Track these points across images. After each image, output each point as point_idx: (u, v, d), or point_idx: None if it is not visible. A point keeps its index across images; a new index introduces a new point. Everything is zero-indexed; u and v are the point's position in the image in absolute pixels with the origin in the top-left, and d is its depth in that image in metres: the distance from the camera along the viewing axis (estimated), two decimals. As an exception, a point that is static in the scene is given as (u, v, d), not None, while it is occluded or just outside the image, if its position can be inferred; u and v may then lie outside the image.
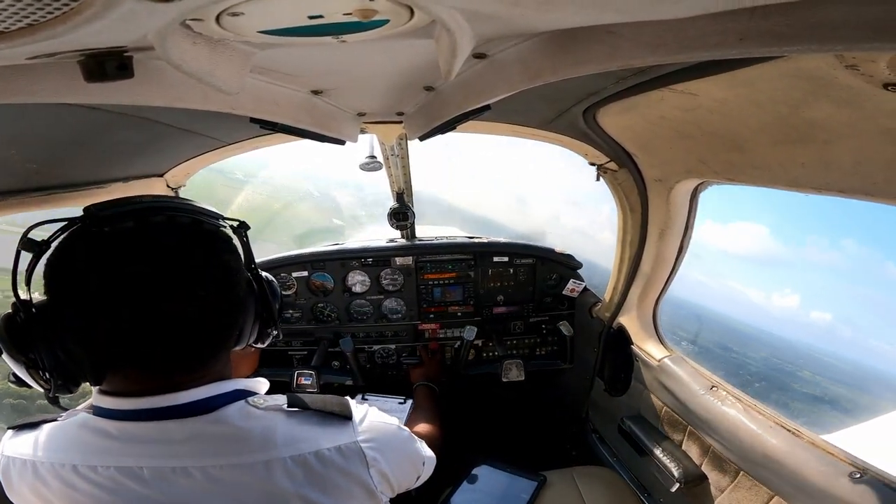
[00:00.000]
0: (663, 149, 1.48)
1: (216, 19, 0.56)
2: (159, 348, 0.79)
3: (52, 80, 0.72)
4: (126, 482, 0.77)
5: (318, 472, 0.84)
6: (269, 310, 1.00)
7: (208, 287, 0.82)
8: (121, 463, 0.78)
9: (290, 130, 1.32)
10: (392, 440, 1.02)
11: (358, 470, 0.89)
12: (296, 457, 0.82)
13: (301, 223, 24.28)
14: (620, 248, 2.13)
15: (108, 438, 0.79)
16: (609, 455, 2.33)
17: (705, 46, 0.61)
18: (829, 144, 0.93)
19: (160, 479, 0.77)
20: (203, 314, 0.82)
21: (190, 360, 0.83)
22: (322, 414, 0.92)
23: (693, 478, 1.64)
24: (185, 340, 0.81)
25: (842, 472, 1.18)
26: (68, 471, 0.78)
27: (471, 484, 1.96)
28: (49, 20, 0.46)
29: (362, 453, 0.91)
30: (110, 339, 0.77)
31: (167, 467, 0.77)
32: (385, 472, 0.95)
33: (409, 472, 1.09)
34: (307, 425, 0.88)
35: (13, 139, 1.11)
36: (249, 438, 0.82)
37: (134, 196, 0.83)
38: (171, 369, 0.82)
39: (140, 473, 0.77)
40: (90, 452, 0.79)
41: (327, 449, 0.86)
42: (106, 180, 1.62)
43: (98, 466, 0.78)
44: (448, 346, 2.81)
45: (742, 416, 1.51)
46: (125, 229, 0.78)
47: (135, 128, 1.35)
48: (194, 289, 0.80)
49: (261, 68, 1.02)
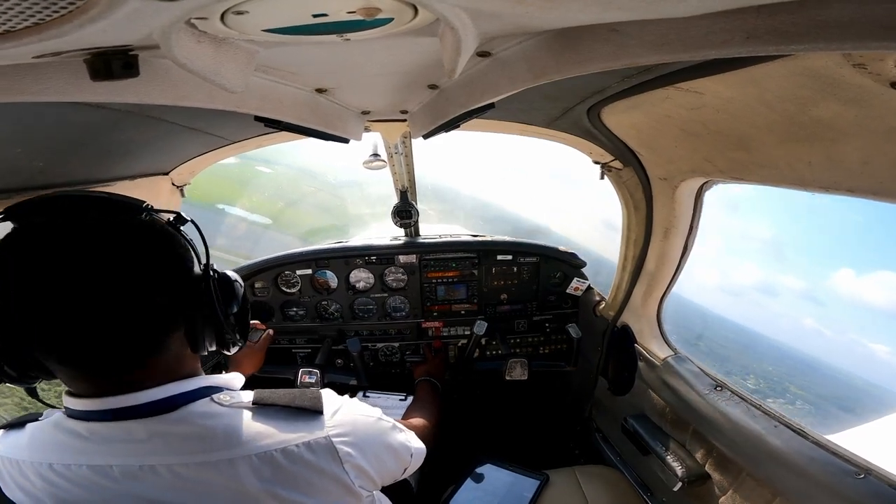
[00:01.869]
0: (668, 147, 1.47)
1: (221, 18, 0.57)
2: (78, 350, 0.76)
3: (58, 78, 0.72)
4: (99, 480, 0.77)
5: (287, 469, 0.82)
6: (215, 313, 0.88)
7: (121, 288, 0.75)
8: (92, 462, 0.78)
9: (295, 129, 1.32)
10: (369, 433, 1.00)
11: (330, 466, 0.88)
12: (261, 454, 0.81)
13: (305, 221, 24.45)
14: (624, 246, 2.12)
15: (79, 438, 0.80)
16: (612, 454, 2.33)
17: (712, 45, 0.60)
18: (837, 143, 0.92)
19: (130, 477, 0.77)
20: (117, 316, 0.76)
21: (118, 362, 0.79)
22: (290, 409, 0.90)
23: (696, 477, 1.63)
24: (103, 343, 0.76)
25: (845, 471, 1.18)
26: (46, 469, 0.79)
27: (474, 482, 1.95)
28: (55, 19, 0.46)
29: (333, 449, 0.89)
30: (26, 337, 0.75)
31: (135, 465, 0.77)
32: (362, 467, 0.93)
33: (392, 464, 1.07)
34: (273, 421, 0.86)
35: (18, 137, 1.11)
36: (213, 436, 0.80)
37: (58, 191, 0.79)
38: (103, 371, 0.79)
39: (111, 472, 0.77)
40: (64, 452, 0.80)
41: (295, 445, 0.84)
42: (111, 178, 1.63)
43: (72, 465, 0.78)
44: (451, 344, 2.81)
45: (746, 415, 1.50)
46: (38, 228, 0.74)
47: (140, 126, 1.35)
48: (104, 290, 0.74)
49: (265, 67, 1.03)
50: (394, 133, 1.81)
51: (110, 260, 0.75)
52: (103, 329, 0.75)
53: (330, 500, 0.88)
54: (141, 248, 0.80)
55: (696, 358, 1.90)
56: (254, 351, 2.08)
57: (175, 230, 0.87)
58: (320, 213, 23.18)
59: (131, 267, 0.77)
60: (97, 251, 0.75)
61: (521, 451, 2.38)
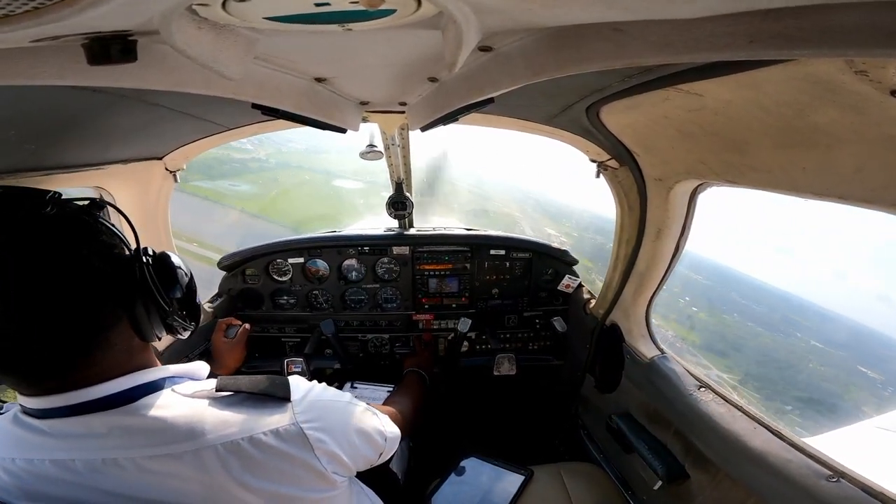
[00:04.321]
0: (665, 148, 1.48)
1: (222, 5, 0.56)
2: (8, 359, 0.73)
3: (55, 62, 0.71)
4: (62, 475, 0.76)
5: (255, 458, 0.81)
6: (153, 298, 0.84)
7: (40, 288, 0.71)
8: (54, 456, 0.76)
9: (292, 117, 1.31)
10: (339, 417, 0.99)
11: (300, 453, 0.86)
12: (227, 444, 0.79)
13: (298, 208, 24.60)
14: (617, 245, 2.13)
15: (39, 434, 0.78)
16: (596, 451, 2.35)
17: (714, 47, 0.60)
18: (832, 149, 0.93)
19: (93, 470, 0.76)
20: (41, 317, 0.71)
21: (55, 365, 0.76)
22: (255, 396, 0.88)
23: (675, 476, 1.65)
24: (34, 348, 0.73)
25: (819, 474, 1.20)
26: (10, 464, 0.78)
27: (458, 475, 1.97)
28: (55, 3, 0.45)
29: (303, 435, 0.87)
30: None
31: (97, 459, 0.76)
32: (334, 452, 0.91)
33: (364, 449, 1.04)
34: (238, 409, 0.85)
35: (11, 119, 1.10)
36: (174, 428, 0.79)
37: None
38: (42, 376, 0.77)
39: (73, 466, 0.76)
40: (25, 447, 0.78)
41: (263, 433, 0.83)
42: (103, 162, 1.61)
43: (34, 460, 0.77)
44: (442, 337, 2.82)
45: (726, 416, 1.52)
46: None
47: (135, 110, 1.34)
48: (21, 293, 0.70)
49: (265, 54, 1.02)
50: (391, 124, 1.81)
51: (23, 260, 0.70)
52: (29, 333, 0.71)
53: (303, 488, 0.87)
54: (55, 242, 0.74)
55: (682, 358, 1.93)
56: (232, 346, 2.06)
57: (93, 218, 0.82)
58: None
59: (48, 264, 0.72)
60: (7, 252, 0.70)
61: (506, 446, 2.39)
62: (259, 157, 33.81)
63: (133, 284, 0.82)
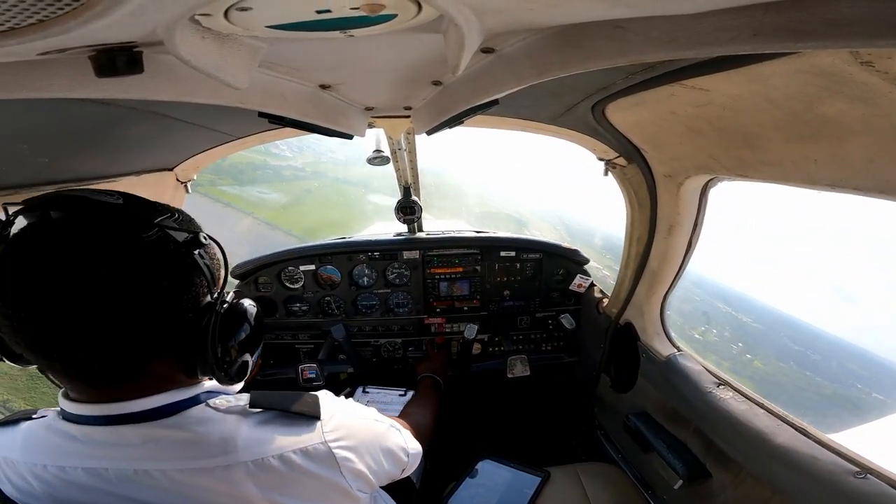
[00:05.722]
0: (673, 144, 1.47)
1: (224, 14, 0.57)
2: (63, 355, 0.73)
3: (64, 75, 0.73)
4: (94, 482, 0.77)
5: (284, 475, 0.82)
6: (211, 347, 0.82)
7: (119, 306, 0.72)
8: (86, 464, 0.77)
9: (298, 125, 1.32)
10: (366, 436, 0.99)
11: (328, 472, 0.87)
12: (258, 461, 0.80)
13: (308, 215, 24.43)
14: (628, 244, 2.12)
15: (73, 441, 0.79)
16: (614, 452, 2.33)
17: (718, 42, 0.60)
18: (843, 141, 0.92)
19: (124, 480, 0.76)
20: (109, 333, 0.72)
21: (105, 377, 0.77)
22: (287, 414, 0.89)
23: (697, 475, 1.63)
24: (90, 356, 0.73)
25: (846, 471, 1.18)
26: (41, 470, 0.79)
27: (474, 478, 1.96)
28: (59, 16, 0.46)
29: (331, 454, 0.88)
30: (8, 336, 0.73)
31: (129, 469, 0.77)
32: (360, 471, 0.93)
33: (389, 466, 1.06)
34: (269, 427, 0.85)
35: (25, 134, 1.12)
36: (207, 443, 0.79)
37: (75, 190, 0.76)
38: (91, 381, 0.78)
39: (105, 474, 0.77)
40: (58, 454, 0.79)
41: (293, 451, 0.84)
42: (116, 174, 1.63)
43: (66, 467, 0.78)
44: (454, 340, 2.82)
45: (747, 413, 1.50)
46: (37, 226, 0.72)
47: (145, 122, 1.35)
48: (100, 304, 0.71)
49: (269, 63, 1.03)
50: (397, 129, 1.81)
51: (112, 276, 0.71)
52: (98, 344, 0.72)
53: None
54: (146, 268, 0.75)
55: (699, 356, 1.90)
56: None
57: (190, 254, 0.81)
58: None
59: (133, 287, 0.73)
60: (102, 263, 0.71)
61: (522, 448, 2.38)
62: (295, 166, 33.12)
63: (198, 330, 0.82)
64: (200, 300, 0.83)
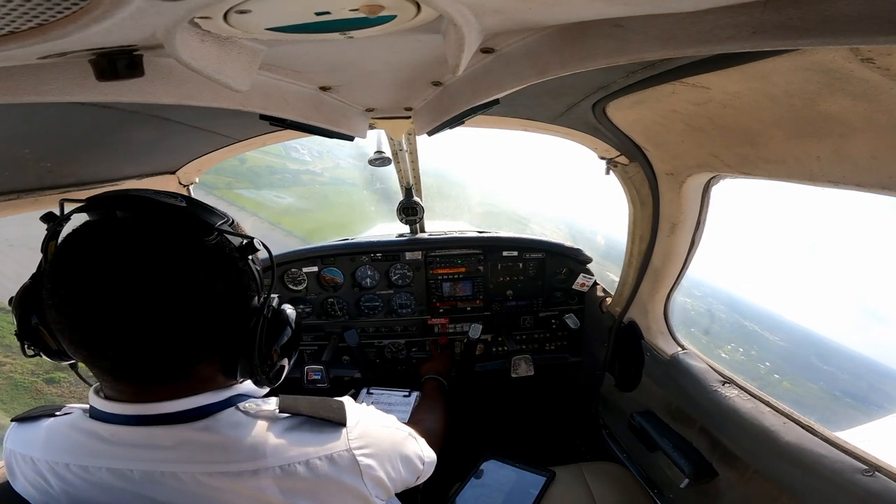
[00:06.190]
0: (674, 142, 1.46)
1: (224, 17, 0.57)
2: (109, 353, 0.74)
3: (64, 79, 0.73)
4: (117, 483, 0.77)
5: (309, 481, 0.83)
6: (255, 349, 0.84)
7: (172, 307, 0.73)
8: (111, 465, 0.78)
9: (300, 127, 1.33)
10: (387, 445, 1.00)
11: (351, 479, 0.88)
12: (285, 466, 0.81)
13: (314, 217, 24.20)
14: (630, 242, 2.11)
15: (99, 441, 0.79)
16: (619, 451, 2.33)
17: (717, 40, 0.60)
18: (845, 138, 0.91)
19: (150, 481, 0.77)
20: (159, 333, 0.73)
21: (148, 375, 0.78)
22: (314, 420, 0.89)
23: (703, 474, 1.63)
24: (135, 353, 0.74)
25: (854, 469, 1.17)
26: (62, 469, 0.79)
27: (479, 478, 1.96)
28: (59, 20, 0.46)
29: (355, 462, 0.89)
30: (59, 330, 0.74)
31: (157, 471, 0.77)
32: (380, 478, 0.94)
33: (406, 473, 1.07)
34: (297, 433, 0.86)
35: (26, 138, 1.12)
36: (237, 447, 0.80)
37: (137, 190, 0.79)
38: (132, 379, 0.79)
39: (130, 475, 0.77)
40: (81, 453, 0.80)
41: (318, 458, 0.85)
42: (119, 178, 1.64)
43: (90, 466, 0.78)
44: (458, 340, 2.82)
45: (753, 411, 1.49)
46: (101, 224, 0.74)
47: (146, 126, 1.36)
48: (154, 303, 0.71)
49: (269, 65, 1.03)
50: (398, 130, 1.81)
51: (168, 276, 0.72)
52: (146, 341, 0.73)
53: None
54: (203, 271, 0.77)
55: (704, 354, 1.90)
56: None
57: (244, 259, 0.83)
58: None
59: (185, 287, 0.74)
60: (166, 264, 0.73)
61: (527, 448, 2.38)
62: (314, 170, 32.56)
63: (246, 333, 0.84)
64: (249, 304, 0.85)
